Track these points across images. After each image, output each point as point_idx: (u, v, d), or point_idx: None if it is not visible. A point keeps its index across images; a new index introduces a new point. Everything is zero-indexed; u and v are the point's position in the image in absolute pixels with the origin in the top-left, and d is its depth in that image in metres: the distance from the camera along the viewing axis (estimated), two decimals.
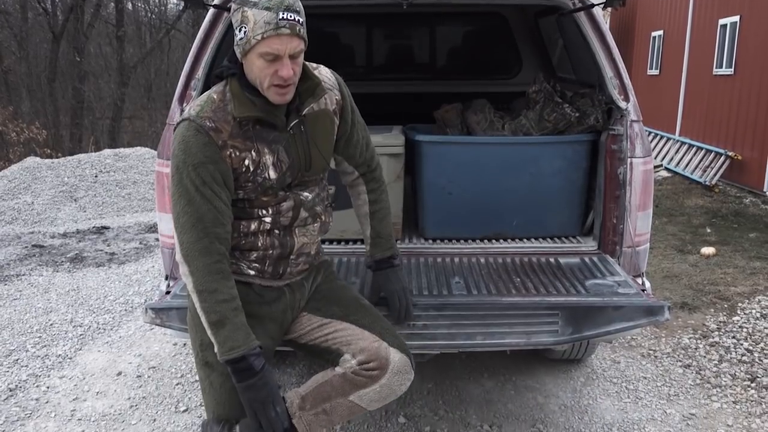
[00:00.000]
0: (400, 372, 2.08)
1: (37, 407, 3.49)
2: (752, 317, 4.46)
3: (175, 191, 1.97)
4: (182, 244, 1.96)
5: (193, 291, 1.96)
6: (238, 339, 1.95)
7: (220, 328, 1.94)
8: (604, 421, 3.30)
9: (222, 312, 1.95)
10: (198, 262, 1.95)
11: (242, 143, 1.99)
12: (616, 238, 2.94)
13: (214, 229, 1.96)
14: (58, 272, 5.88)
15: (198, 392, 3.57)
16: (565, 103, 3.24)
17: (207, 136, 1.94)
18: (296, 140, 2.09)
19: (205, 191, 1.94)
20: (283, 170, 2.06)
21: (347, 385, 2.08)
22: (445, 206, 3.14)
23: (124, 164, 10.06)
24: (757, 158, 8.69)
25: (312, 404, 2.10)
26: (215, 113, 1.98)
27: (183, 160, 1.95)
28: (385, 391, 2.08)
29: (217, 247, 1.96)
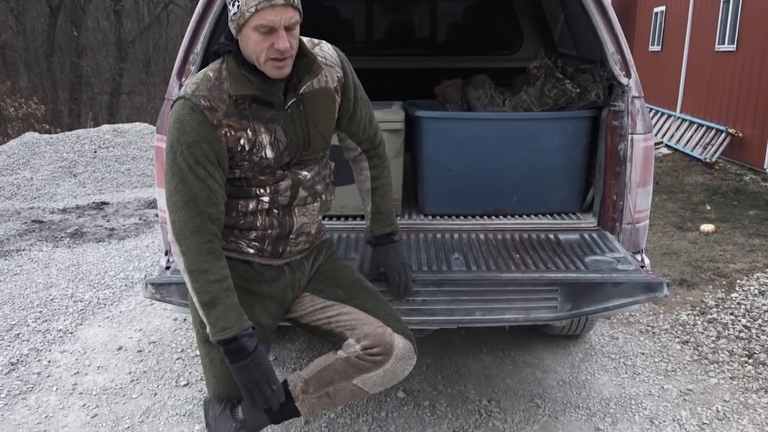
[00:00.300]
0: (404, 357, 2.10)
1: (38, 381, 3.52)
2: (750, 294, 4.48)
3: (169, 170, 1.96)
4: (174, 223, 1.95)
5: (185, 271, 1.96)
6: (230, 319, 1.94)
7: (212, 308, 1.94)
8: (602, 396, 3.32)
9: (213, 292, 1.94)
10: (189, 241, 1.94)
11: (238, 122, 1.97)
12: (615, 215, 2.94)
13: (207, 209, 1.94)
14: (58, 247, 5.89)
15: (198, 366, 3.60)
16: (566, 79, 3.23)
17: (202, 115, 1.93)
18: (294, 119, 2.06)
19: (199, 171, 1.92)
20: (280, 150, 2.04)
21: (351, 370, 2.09)
22: (444, 182, 3.13)
23: (123, 140, 10.03)
24: (758, 135, 8.66)
25: (315, 388, 2.11)
26: (211, 92, 1.96)
27: (177, 139, 1.93)
28: (388, 376, 2.10)
29: (209, 226, 1.95)
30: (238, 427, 2.08)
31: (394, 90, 3.76)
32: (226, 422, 2.09)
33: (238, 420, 2.09)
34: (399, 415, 3.17)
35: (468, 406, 3.25)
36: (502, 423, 3.11)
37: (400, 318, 2.18)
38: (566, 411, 3.20)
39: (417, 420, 3.13)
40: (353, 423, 3.11)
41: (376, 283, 2.41)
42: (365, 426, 3.09)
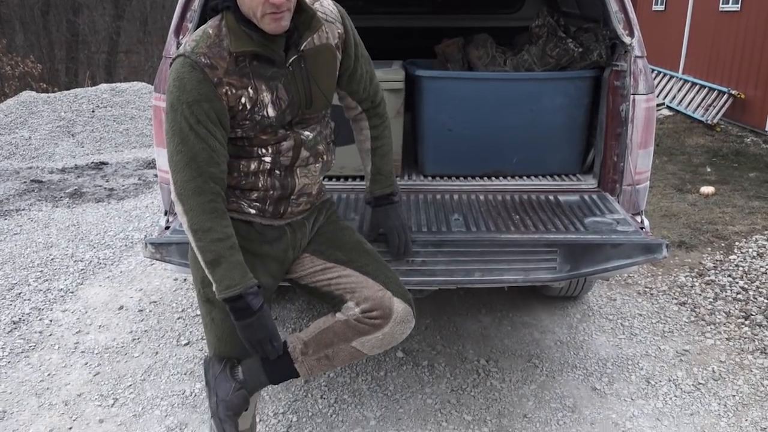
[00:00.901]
0: (402, 321, 2.10)
1: (40, 340, 3.55)
2: (749, 256, 4.49)
3: (170, 129, 1.94)
4: (176, 183, 1.95)
5: (189, 230, 1.96)
6: (235, 277, 1.95)
7: (216, 266, 1.95)
8: (599, 357, 3.35)
9: (217, 251, 1.94)
10: (192, 201, 1.93)
11: (238, 80, 1.94)
12: (616, 176, 2.93)
13: (208, 168, 1.93)
14: (58, 207, 5.89)
15: (199, 326, 3.62)
16: (568, 38, 3.18)
17: (202, 72, 1.89)
18: (296, 77, 2.03)
19: (200, 130, 1.90)
20: (282, 108, 2.02)
21: (350, 332, 2.09)
22: (444, 143, 3.11)
23: (121, 99, 9.95)
24: (760, 97, 8.59)
25: (314, 350, 2.12)
26: (210, 49, 1.92)
27: (177, 98, 1.90)
28: (387, 339, 2.11)
29: (211, 186, 1.94)
30: (237, 387, 2.10)
31: (394, 49, 3.72)
32: (226, 382, 2.10)
33: (238, 380, 2.11)
34: (398, 375, 3.20)
35: (466, 365, 3.28)
36: (499, 382, 3.14)
37: (400, 281, 2.18)
38: (563, 371, 3.24)
39: (416, 379, 3.17)
40: (352, 382, 3.15)
41: (376, 244, 2.41)
42: (365, 385, 3.12)
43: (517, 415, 2.92)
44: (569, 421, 2.88)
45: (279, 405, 2.99)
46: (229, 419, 2.09)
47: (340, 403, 3.00)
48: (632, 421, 2.87)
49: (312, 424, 2.88)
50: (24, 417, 2.93)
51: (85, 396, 3.07)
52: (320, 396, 3.05)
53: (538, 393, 3.07)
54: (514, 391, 3.08)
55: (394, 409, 2.97)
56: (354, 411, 2.96)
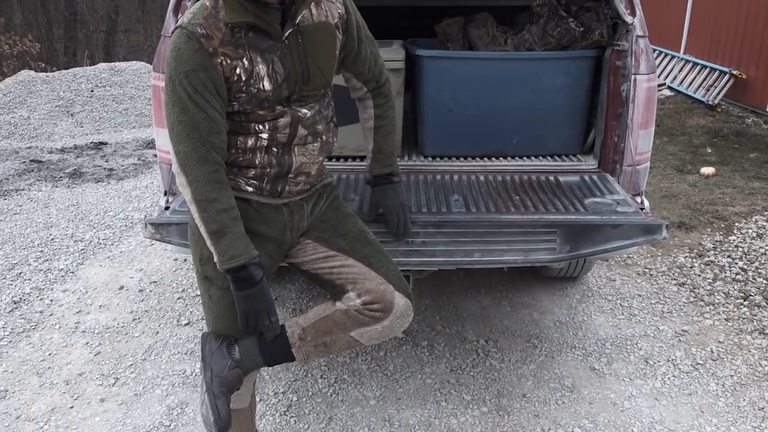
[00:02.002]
0: (402, 315, 2.11)
1: (41, 319, 3.56)
2: (748, 237, 4.49)
3: (169, 100, 1.94)
4: (178, 155, 1.94)
5: (192, 201, 1.96)
6: (239, 248, 1.96)
7: (221, 237, 1.95)
8: (598, 337, 3.37)
9: (222, 221, 1.95)
10: (196, 171, 1.93)
11: (233, 51, 1.95)
12: (616, 157, 2.92)
13: (210, 138, 1.93)
14: (57, 187, 5.88)
15: (199, 306, 3.63)
16: (569, 18, 3.16)
17: (198, 42, 1.90)
18: (292, 52, 2.03)
19: (198, 99, 1.91)
20: (278, 82, 2.01)
21: (349, 322, 2.10)
22: (445, 123, 3.10)
23: (120, 79, 9.91)
24: (761, 77, 8.55)
25: (313, 336, 2.13)
26: (207, 20, 1.93)
27: (175, 68, 1.91)
28: (386, 332, 2.11)
29: (213, 156, 1.95)
30: (233, 365, 2.11)
31: (395, 28, 3.69)
32: (222, 359, 2.11)
33: (234, 358, 2.12)
34: (398, 355, 3.22)
35: (466, 346, 3.29)
36: (499, 362, 3.16)
37: (401, 275, 2.18)
38: (562, 351, 3.25)
39: (415, 359, 3.18)
40: (352, 362, 3.16)
41: (375, 224, 2.41)
42: (364, 365, 3.14)
43: (516, 395, 2.94)
44: (568, 401, 2.90)
45: (279, 384, 3.00)
46: (223, 395, 2.10)
47: (340, 383, 3.02)
48: (631, 401, 2.89)
49: (312, 403, 2.89)
50: (25, 396, 2.95)
51: (86, 375, 3.08)
52: (320, 376, 3.06)
53: (537, 373, 3.09)
54: (513, 371, 3.10)
55: (394, 389, 2.99)
56: (354, 391, 2.97)
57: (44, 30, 21.14)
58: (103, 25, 23.17)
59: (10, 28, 19.08)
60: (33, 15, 21.47)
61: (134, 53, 20.74)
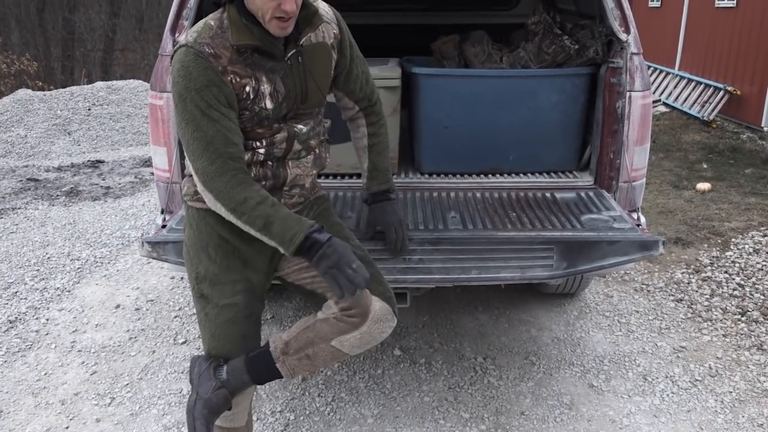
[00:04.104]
0: (380, 320, 2.07)
1: (37, 339, 3.54)
2: (745, 252, 4.50)
3: (181, 119, 1.94)
4: (198, 172, 1.95)
5: (228, 214, 1.96)
6: (293, 226, 1.95)
7: (270, 227, 1.94)
8: (596, 354, 3.36)
9: (264, 214, 1.94)
10: (217, 184, 1.93)
11: (242, 69, 1.97)
12: (612, 173, 2.93)
13: (226, 150, 1.94)
14: (54, 206, 5.88)
15: (196, 325, 3.62)
16: (564, 35, 3.18)
17: (207, 61, 1.91)
18: (293, 71, 2.06)
19: (212, 114, 1.91)
20: (279, 101, 2.03)
21: (329, 331, 2.07)
22: (441, 140, 3.11)
23: (117, 97, 9.93)
24: (756, 93, 8.60)
25: (295, 349, 2.11)
26: (213, 39, 1.95)
27: (185, 87, 1.91)
28: (365, 338, 2.08)
29: (231, 164, 1.95)
30: (218, 386, 2.10)
31: (391, 46, 3.71)
32: (207, 380, 2.10)
33: (220, 379, 2.11)
34: (395, 372, 3.20)
35: (463, 363, 3.28)
36: (497, 380, 3.14)
37: (383, 280, 2.17)
38: (560, 368, 3.24)
39: (413, 377, 3.17)
40: (350, 380, 3.15)
41: (373, 242, 2.41)
42: (362, 383, 3.12)
43: (514, 412, 2.93)
44: (566, 419, 2.89)
45: (276, 403, 2.99)
46: (203, 417, 2.08)
47: (338, 401, 3.00)
48: (629, 418, 2.88)
49: (309, 422, 2.88)
50: (20, 416, 2.92)
51: (82, 395, 3.06)
52: (317, 394, 3.05)
53: (535, 390, 3.08)
54: (512, 389, 3.08)
55: (392, 407, 2.97)
56: (351, 409, 2.96)
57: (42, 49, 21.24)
58: (100, 44, 23.28)
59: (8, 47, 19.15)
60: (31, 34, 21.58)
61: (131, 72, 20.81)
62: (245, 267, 2.13)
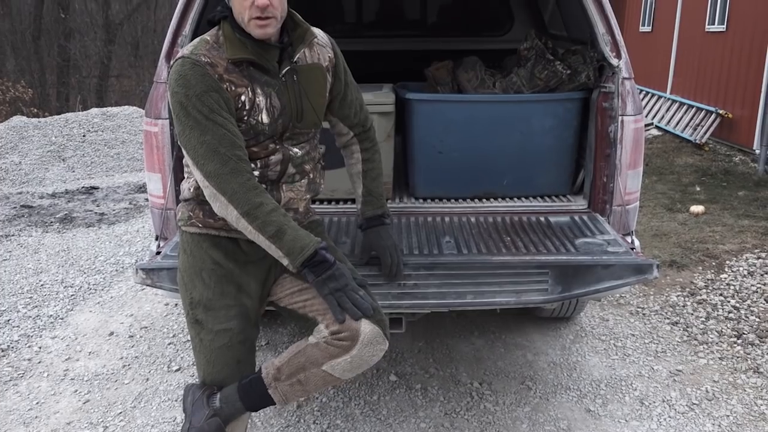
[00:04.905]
0: (370, 343, 2.04)
1: (29, 367, 3.51)
2: (740, 275, 4.50)
3: (185, 127, 1.95)
4: (209, 175, 1.95)
5: (240, 217, 1.96)
6: (304, 238, 1.98)
7: (282, 236, 1.96)
8: (593, 378, 3.34)
9: (277, 221, 1.96)
10: (232, 184, 1.94)
11: (238, 79, 2.01)
12: (606, 197, 2.94)
13: (235, 152, 1.96)
14: (48, 233, 5.86)
15: (190, 351, 3.59)
16: (556, 61, 3.21)
17: (203, 68, 1.96)
18: (289, 88, 2.10)
19: (216, 118, 1.94)
20: (275, 116, 2.06)
21: (320, 355, 2.06)
22: (435, 165, 3.13)
23: (112, 123, 9.95)
24: (747, 116, 8.67)
25: (287, 375, 2.10)
26: (209, 51, 2.00)
27: (185, 94, 1.94)
28: (356, 362, 2.05)
29: (243, 166, 1.97)
30: (211, 414, 2.08)
31: (385, 72, 3.74)
32: (201, 409, 2.09)
33: (213, 407, 2.09)
34: (391, 398, 3.18)
35: (460, 388, 3.26)
36: (493, 405, 3.12)
37: (376, 303, 2.17)
38: (557, 393, 3.23)
39: (409, 403, 3.15)
40: (345, 406, 3.12)
41: (368, 267, 2.41)
42: (357, 410, 3.10)
43: None
44: None
45: (271, 431, 2.96)
46: None
47: (333, 429, 2.97)
48: None
49: None
50: None
51: (75, 424, 3.03)
52: (313, 421, 3.02)
53: (532, 415, 3.06)
54: (508, 414, 3.06)
55: None
56: None
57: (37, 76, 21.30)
58: (95, 71, 23.37)
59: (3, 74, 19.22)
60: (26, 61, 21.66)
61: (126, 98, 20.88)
62: (239, 292, 2.13)
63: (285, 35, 2.09)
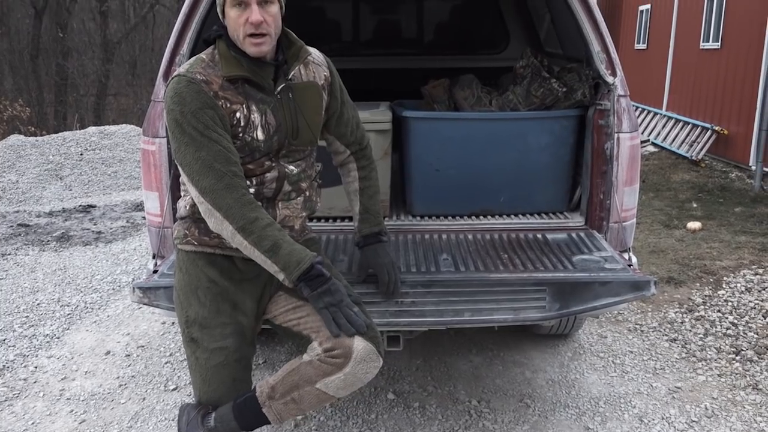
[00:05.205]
0: (364, 360, 2.04)
1: (25, 387, 3.49)
2: (737, 291, 4.50)
3: (180, 143, 1.97)
4: (204, 191, 1.96)
5: (235, 232, 1.96)
6: (300, 252, 1.99)
7: (278, 250, 1.96)
8: (591, 395, 3.33)
9: (272, 236, 1.97)
10: (227, 199, 1.95)
11: (233, 96, 2.03)
12: (603, 214, 2.94)
13: (230, 168, 1.97)
14: (45, 251, 5.84)
15: (187, 370, 3.57)
16: (552, 78, 3.23)
17: (198, 86, 1.98)
18: (284, 105, 2.12)
19: (211, 134, 1.96)
20: (270, 133, 2.08)
21: (313, 373, 2.06)
22: (432, 183, 3.13)
23: (109, 142, 9.97)
24: (742, 133, 8.71)
25: (281, 393, 2.09)
26: (205, 69, 2.03)
27: (180, 111, 1.96)
28: (350, 379, 2.05)
29: (239, 181, 1.98)
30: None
31: (382, 90, 3.76)
32: (196, 428, 2.08)
33: (208, 427, 2.08)
34: (389, 417, 3.16)
35: (458, 406, 3.25)
36: (492, 423, 3.11)
37: (370, 321, 2.16)
38: (556, 410, 3.21)
39: (407, 421, 3.13)
40: (343, 425, 3.10)
41: (365, 284, 2.41)
42: (355, 428, 3.08)
43: None
44: None
45: None
46: None
47: None
48: None
49: None
50: None
51: None
52: None
53: None
54: None
55: None
56: None
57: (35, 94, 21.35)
58: (93, 89, 23.43)
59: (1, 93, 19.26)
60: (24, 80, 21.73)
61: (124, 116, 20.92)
62: (234, 310, 2.13)
63: (280, 53, 2.12)
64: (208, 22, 2.82)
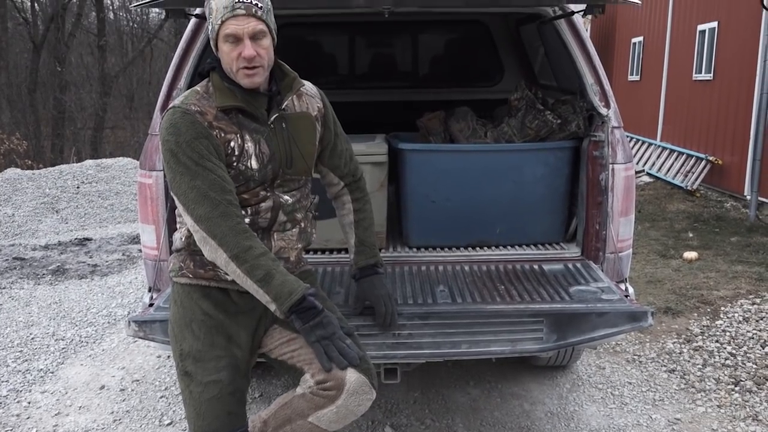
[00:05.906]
0: (356, 392, 2.03)
1: (17, 423, 3.45)
2: (735, 321, 4.49)
3: (175, 174, 1.99)
4: (199, 219, 1.97)
5: (229, 260, 1.97)
6: (292, 282, 1.99)
7: (270, 280, 1.96)
8: (590, 428, 3.30)
9: (266, 265, 1.97)
10: (222, 227, 1.96)
11: (227, 126, 2.06)
12: (599, 244, 2.95)
13: (225, 196, 1.99)
14: (40, 285, 5.82)
15: (182, 405, 3.54)
16: (546, 110, 3.26)
17: (193, 116, 2.01)
18: (277, 135, 2.14)
19: (206, 163, 1.98)
20: (264, 162, 2.10)
21: (306, 406, 2.04)
22: (428, 214, 3.14)
23: (106, 175, 9.99)
24: (737, 162, 8.77)
25: (274, 428, 2.08)
26: (199, 101, 2.06)
27: (176, 142, 1.99)
28: (342, 412, 2.03)
29: (233, 210, 1.99)
30: None
31: (377, 123, 3.78)
32: None
33: None
34: None
35: None
36: None
37: (364, 353, 2.15)
38: None
39: None
40: None
41: (362, 317, 2.40)
42: None
43: None
44: None
45: None
46: None
47: None
48: None
49: None
50: None
51: None
52: None
53: None
54: None
55: None
56: None
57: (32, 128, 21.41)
58: (90, 122, 23.53)
59: None
60: (21, 114, 21.81)
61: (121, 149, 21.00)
62: (229, 343, 2.12)
63: (273, 84, 2.15)
64: (205, 56, 2.85)
